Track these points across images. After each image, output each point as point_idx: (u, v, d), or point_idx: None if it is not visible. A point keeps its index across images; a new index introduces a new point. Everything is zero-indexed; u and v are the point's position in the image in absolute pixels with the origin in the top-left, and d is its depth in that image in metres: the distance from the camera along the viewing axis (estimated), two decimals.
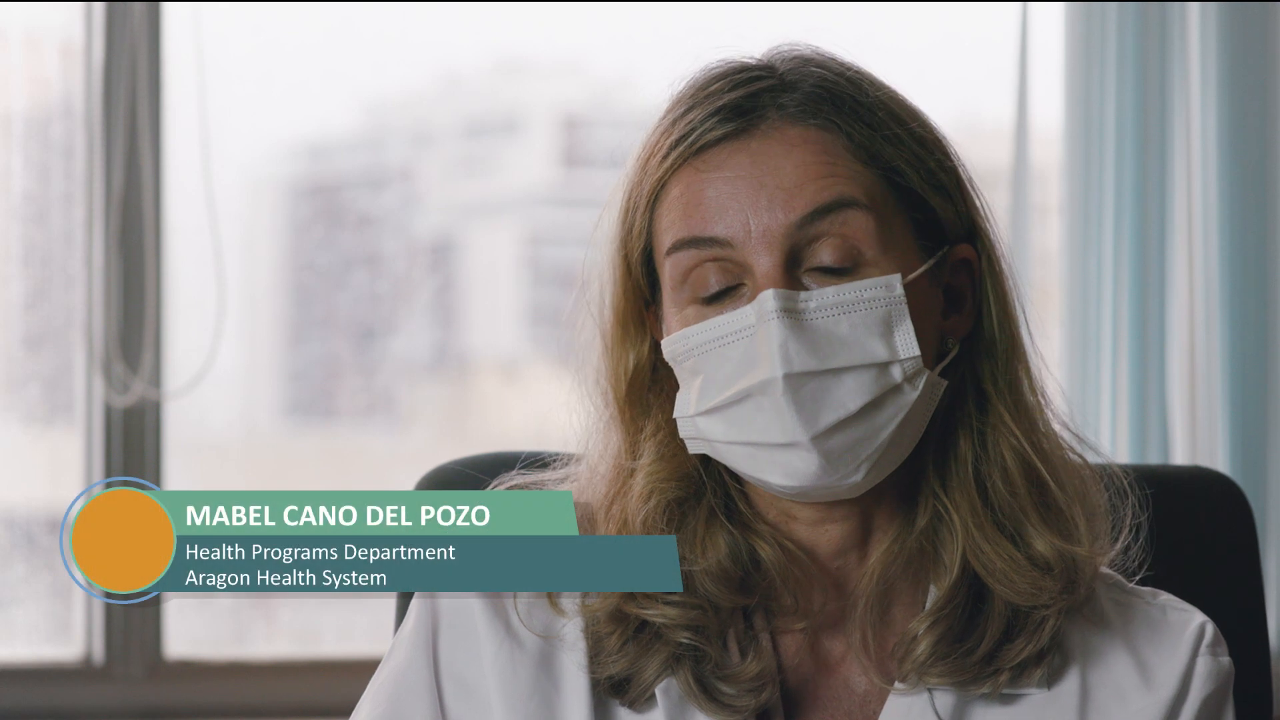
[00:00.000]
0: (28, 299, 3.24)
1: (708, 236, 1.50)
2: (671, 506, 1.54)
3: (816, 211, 1.49)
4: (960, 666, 1.51)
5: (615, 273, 1.57)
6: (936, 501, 1.54)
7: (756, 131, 1.51)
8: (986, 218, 1.56)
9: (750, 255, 1.49)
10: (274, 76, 3.32)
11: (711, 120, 1.51)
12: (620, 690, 1.53)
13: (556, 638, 1.54)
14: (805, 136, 1.51)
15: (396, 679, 1.57)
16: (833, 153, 1.50)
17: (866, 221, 1.49)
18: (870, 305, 1.48)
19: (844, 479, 1.48)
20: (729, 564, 1.53)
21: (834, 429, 1.46)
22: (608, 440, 1.58)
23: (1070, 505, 1.54)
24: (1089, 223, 3.05)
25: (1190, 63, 3.01)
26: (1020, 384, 1.56)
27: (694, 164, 1.51)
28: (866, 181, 1.50)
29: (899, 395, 1.48)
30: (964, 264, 1.55)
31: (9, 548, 3.24)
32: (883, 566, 1.54)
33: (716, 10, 3.28)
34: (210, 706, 3.22)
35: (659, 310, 1.56)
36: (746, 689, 1.51)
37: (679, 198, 1.52)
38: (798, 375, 1.46)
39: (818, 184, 1.49)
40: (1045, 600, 1.51)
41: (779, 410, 1.46)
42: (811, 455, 1.46)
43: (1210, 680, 1.55)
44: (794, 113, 1.51)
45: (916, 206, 1.52)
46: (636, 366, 1.56)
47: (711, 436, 1.51)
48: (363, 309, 3.46)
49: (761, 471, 1.49)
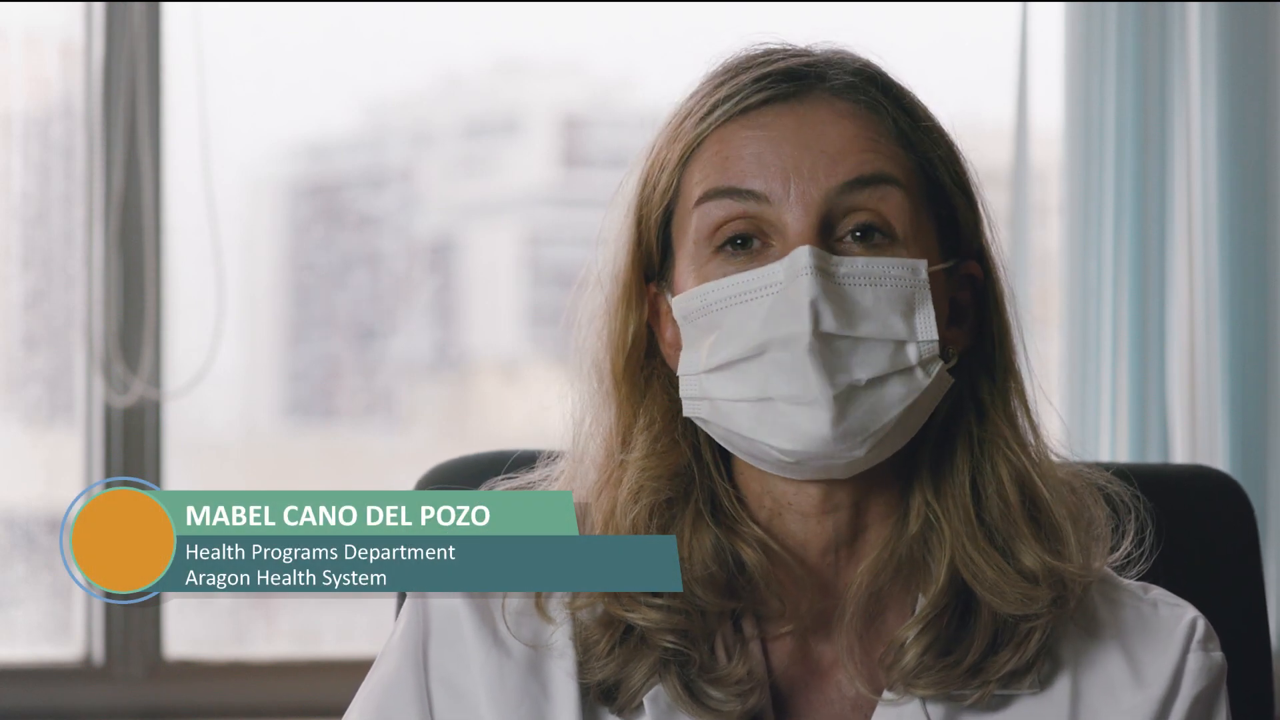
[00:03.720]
0: (28, 299, 3.24)
1: (745, 189, 1.50)
2: (659, 509, 1.53)
3: (859, 180, 1.49)
4: (947, 677, 1.51)
5: (627, 241, 1.56)
6: (928, 509, 1.54)
7: (805, 98, 1.51)
8: (991, 240, 1.57)
9: (785, 213, 1.48)
10: (274, 76, 3.32)
11: (761, 83, 1.51)
12: (609, 697, 1.52)
13: (545, 647, 1.53)
14: (852, 110, 1.51)
15: (384, 687, 1.56)
16: (877, 130, 1.51)
17: (903, 201, 1.50)
18: (896, 283, 1.49)
19: (848, 450, 1.48)
20: (714, 567, 1.52)
21: (849, 394, 1.46)
22: (599, 420, 1.57)
23: (1064, 523, 1.54)
24: (1089, 223, 3.05)
25: (1190, 63, 3.01)
26: (1014, 406, 1.56)
27: (738, 121, 1.51)
28: (906, 166, 1.51)
29: (911, 377, 1.48)
30: (969, 280, 1.55)
31: (9, 548, 3.24)
32: (872, 573, 1.53)
33: (716, 10, 3.28)
34: (210, 706, 3.22)
35: (662, 286, 1.55)
36: (734, 692, 1.51)
37: (717, 153, 1.51)
38: (825, 335, 1.46)
39: (861, 156, 1.50)
40: (1036, 610, 1.51)
41: (799, 367, 1.46)
42: (824, 415, 1.46)
43: (1202, 676, 1.55)
44: (841, 88, 1.52)
45: (942, 204, 1.53)
46: (635, 338, 1.56)
47: (717, 395, 1.50)
48: (363, 309, 3.46)
49: (766, 433, 1.48)
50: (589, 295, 1.59)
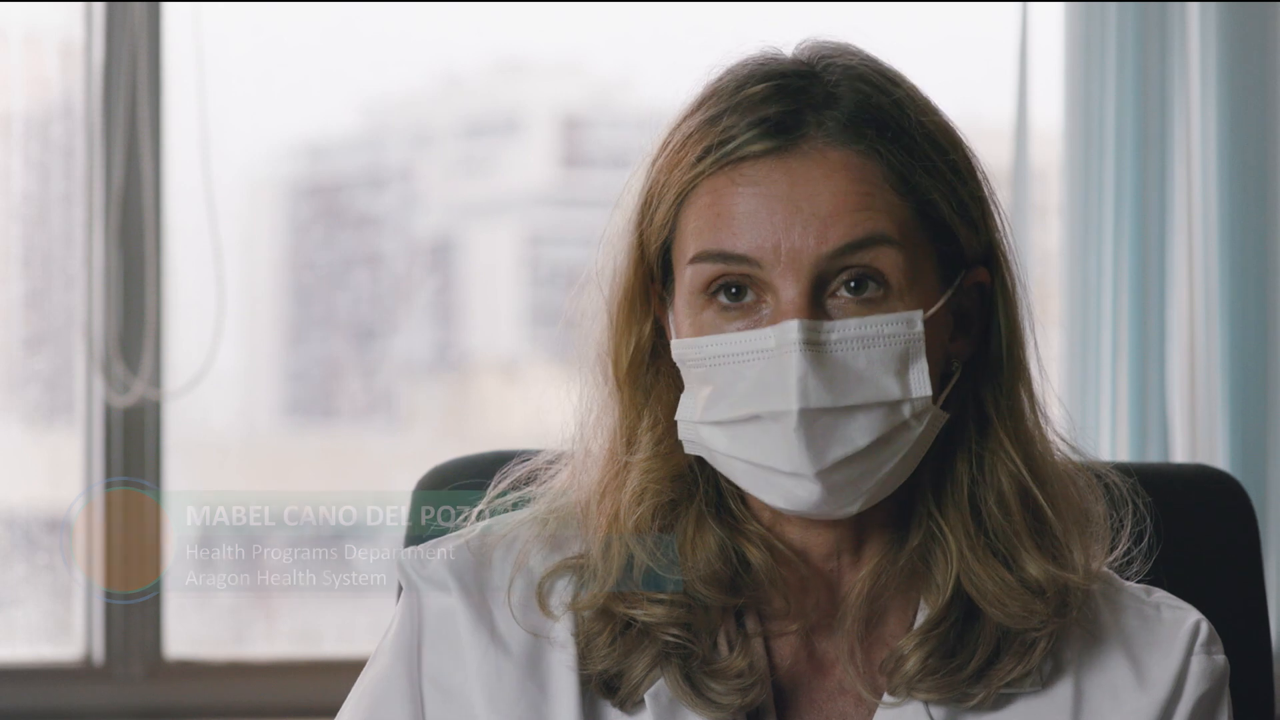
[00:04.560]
0: (28, 299, 3.24)
1: (736, 254, 1.48)
2: (663, 509, 1.53)
3: (850, 246, 1.47)
4: (948, 684, 1.51)
5: (630, 252, 1.55)
6: (931, 522, 1.54)
7: (797, 150, 1.48)
8: (1005, 237, 1.55)
9: (776, 277, 1.47)
10: (274, 76, 3.32)
11: (752, 133, 1.49)
12: (611, 689, 1.52)
13: (546, 638, 1.53)
14: (846, 162, 1.48)
15: (375, 687, 1.56)
16: (871, 182, 1.48)
17: (897, 258, 1.48)
18: (890, 341, 1.48)
19: (841, 508, 1.49)
20: (718, 565, 1.52)
21: (840, 464, 1.46)
22: (603, 419, 1.57)
23: (1066, 532, 1.54)
24: (1089, 223, 3.04)
25: (1190, 63, 3.01)
26: (1021, 406, 1.55)
27: (729, 173, 1.49)
28: (901, 215, 1.49)
29: (905, 431, 1.48)
30: (976, 286, 1.55)
31: (9, 548, 3.24)
32: (872, 583, 1.53)
33: (716, 10, 3.28)
34: (210, 706, 3.22)
35: (666, 296, 1.55)
36: (734, 686, 1.51)
37: (709, 206, 1.50)
38: (813, 411, 1.45)
39: (854, 216, 1.47)
40: (1036, 624, 1.51)
41: (788, 442, 1.46)
42: (814, 487, 1.47)
43: (1205, 679, 1.55)
44: (835, 133, 1.49)
45: (943, 238, 1.51)
46: (639, 344, 1.56)
47: (713, 447, 1.51)
48: (363, 309, 3.46)
49: (760, 491, 1.50)
50: (592, 298, 1.58)
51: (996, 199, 1.55)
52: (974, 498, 1.53)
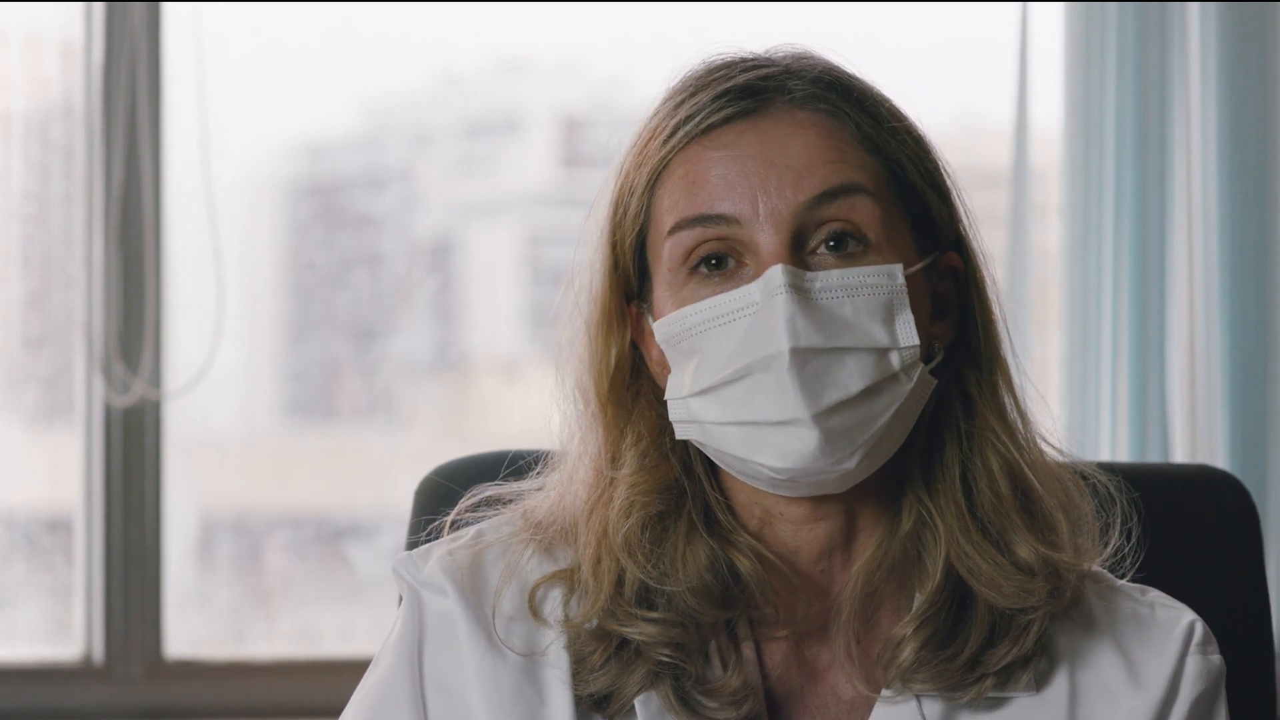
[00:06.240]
0: (28, 299, 3.24)
1: (715, 214, 1.49)
2: (651, 522, 1.53)
3: (826, 194, 1.49)
4: (944, 672, 1.51)
5: (603, 264, 1.56)
6: (921, 506, 1.54)
7: (766, 113, 1.51)
8: (970, 227, 1.56)
9: (757, 233, 1.48)
10: (274, 76, 3.32)
11: (720, 101, 1.51)
12: (602, 706, 1.52)
13: (539, 654, 1.53)
14: (814, 120, 1.51)
15: (379, 689, 1.56)
16: (840, 138, 1.51)
17: (873, 208, 1.50)
18: (873, 291, 1.48)
19: (838, 463, 1.48)
20: (709, 578, 1.52)
21: (835, 409, 1.46)
22: (587, 441, 1.57)
23: (1055, 512, 1.54)
24: (1089, 223, 3.04)
25: (1190, 63, 3.01)
26: (1002, 395, 1.55)
27: (700, 142, 1.51)
28: (873, 170, 1.51)
29: (895, 384, 1.48)
30: (950, 272, 1.55)
31: (9, 548, 3.24)
32: (866, 573, 1.53)
33: (716, 10, 3.28)
34: (210, 706, 3.22)
35: (644, 306, 1.55)
36: (728, 702, 1.51)
37: (683, 177, 1.51)
38: (804, 350, 1.45)
39: (827, 167, 1.49)
40: (1032, 603, 1.51)
41: (781, 386, 1.46)
42: (811, 433, 1.46)
43: (1201, 680, 1.55)
44: (801, 98, 1.51)
45: (914, 203, 1.53)
46: (618, 361, 1.56)
47: (705, 418, 1.50)
48: (363, 309, 3.46)
49: (755, 454, 1.48)
50: (569, 319, 1.59)
51: (961, 191, 1.56)
52: (965, 479, 1.54)
